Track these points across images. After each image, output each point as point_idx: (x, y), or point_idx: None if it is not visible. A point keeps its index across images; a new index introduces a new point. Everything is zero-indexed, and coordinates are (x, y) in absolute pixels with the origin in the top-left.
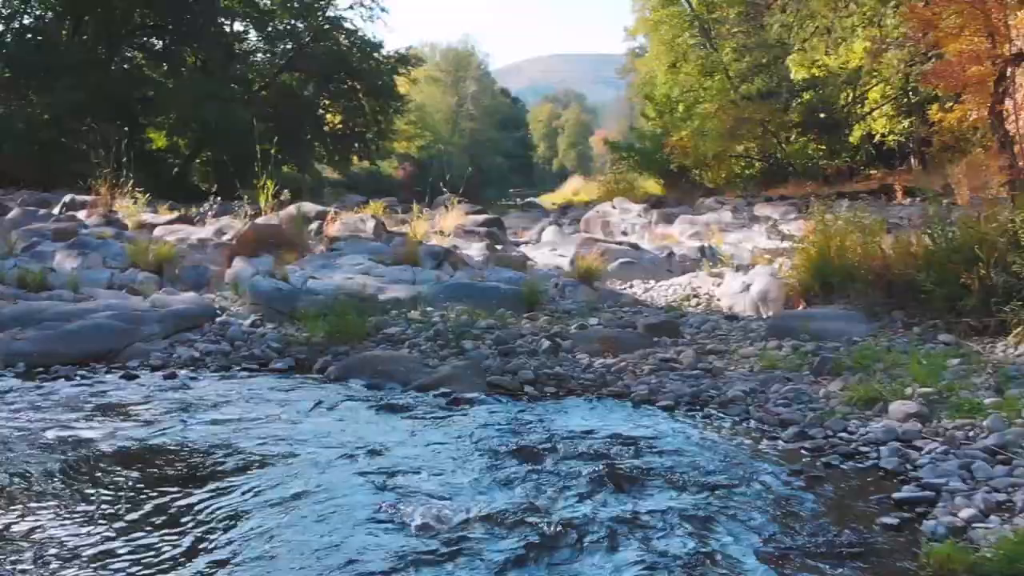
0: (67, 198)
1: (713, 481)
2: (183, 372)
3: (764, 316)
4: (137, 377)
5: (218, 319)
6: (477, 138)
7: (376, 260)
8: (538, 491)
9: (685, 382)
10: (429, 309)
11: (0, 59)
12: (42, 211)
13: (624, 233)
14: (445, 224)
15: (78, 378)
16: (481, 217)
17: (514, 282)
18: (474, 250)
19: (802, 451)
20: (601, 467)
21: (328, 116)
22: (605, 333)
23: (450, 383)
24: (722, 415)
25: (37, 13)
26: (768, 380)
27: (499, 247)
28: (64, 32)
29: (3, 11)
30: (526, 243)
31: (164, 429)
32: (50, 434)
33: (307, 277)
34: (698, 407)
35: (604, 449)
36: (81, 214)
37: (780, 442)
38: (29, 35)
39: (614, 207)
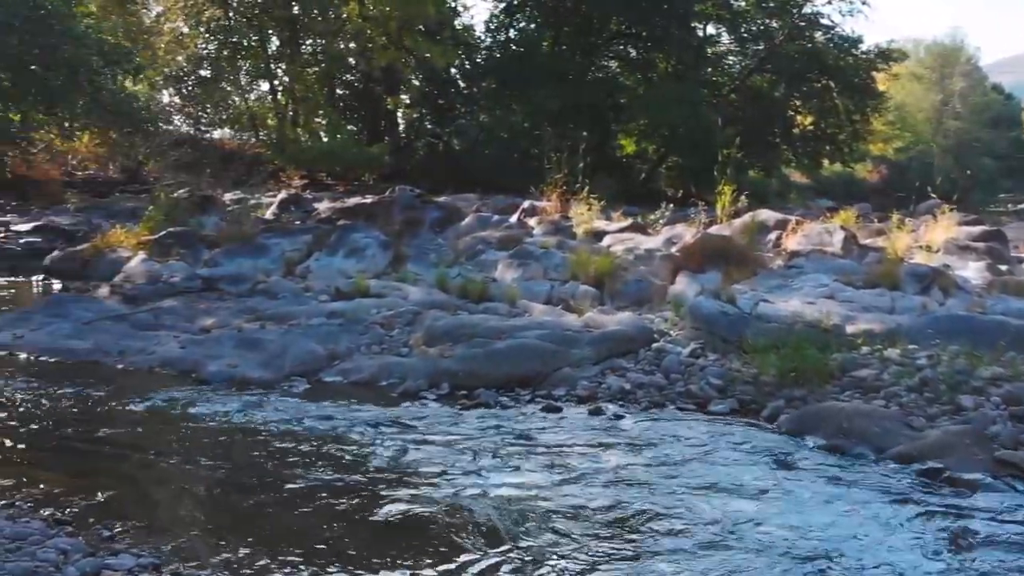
0: (526, 204)
1: None
2: (610, 407)
3: None
4: (560, 410)
5: (654, 344)
6: (963, 138)
7: (843, 281)
8: None
9: None
10: (912, 347)
11: (489, 70)
12: (496, 217)
13: None
14: (932, 237)
15: (498, 407)
16: (977, 229)
17: None
18: (970, 271)
19: None
20: None
21: (798, 117)
22: None
23: (941, 454)
24: None
25: (521, 26)
26: None
27: (1003, 267)
28: (545, 43)
29: (491, 25)
30: None
31: (581, 480)
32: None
33: (758, 299)
34: None
35: None
36: (532, 221)
37: None
38: (514, 47)
39: None
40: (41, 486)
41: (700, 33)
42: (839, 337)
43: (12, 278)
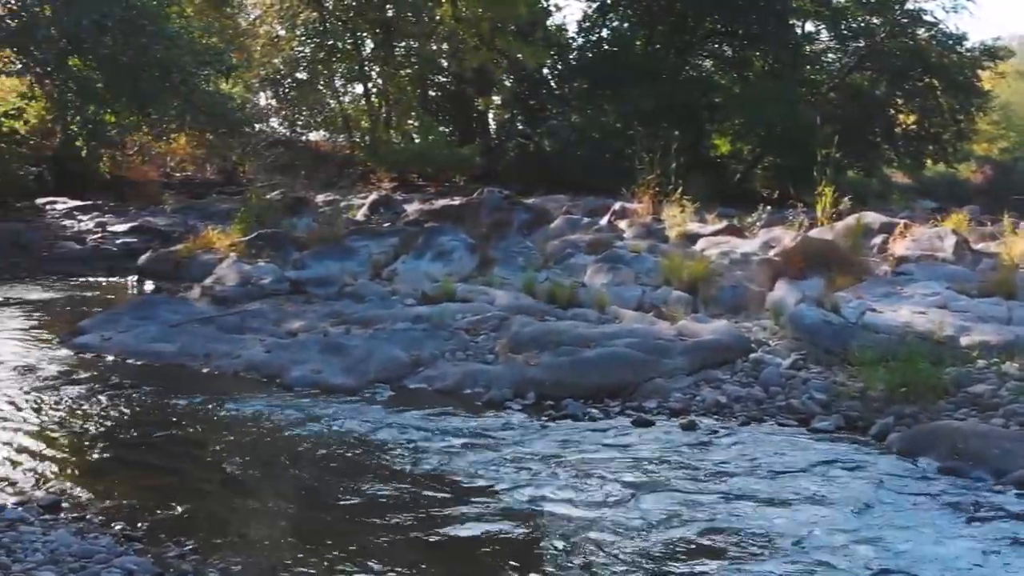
0: (616, 206)
1: None
2: (705, 421)
3: None
4: (651, 424)
5: (752, 355)
6: None
7: (957, 289)
8: None
9: None
10: None
11: (580, 70)
12: (585, 220)
13: None
14: None
15: (586, 419)
16: None
17: None
18: None
19: None
20: None
21: (900, 116)
22: None
23: None
24: None
25: (614, 25)
26: None
27: None
28: (638, 42)
29: (584, 25)
30: None
31: (674, 500)
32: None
33: (864, 308)
34: None
35: None
36: (623, 223)
37: None
38: (607, 47)
39: None
40: (115, 497)
41: (798, 31)
42: (953, 350)
43: (108, 278)
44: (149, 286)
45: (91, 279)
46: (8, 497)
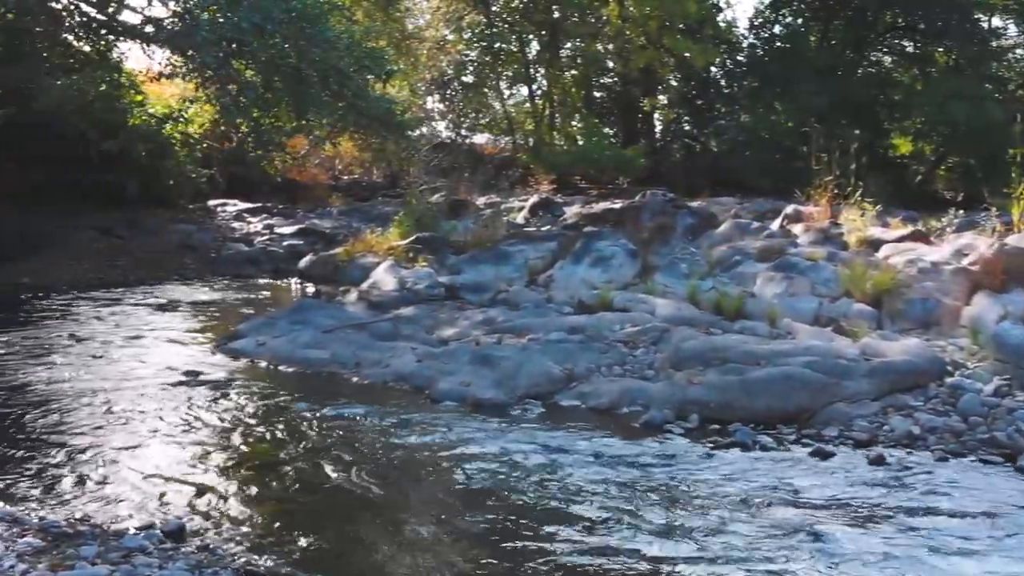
0: (788, 209)
1: None
2: (894, 455)
3: None
4: (832, 456)
5: (948, 379)
6: None
7: None
8: None
9: None
10: None
11: (751, 68)
12: (754, 224)
13: None
14: None
15: (757, 448)
16: None
17: None
18: None
19: None
20: None
21: None
22: None
23: None
24: None
25: (787, 21)
26: None
27: None
28: (812, 39)
29: (755, 21)
30: None
31: (860, 551)
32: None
33: None
34: None
35: None
36: (797, 228)
37: None
38: (779, 43)
39: None
40: (246, 522)
41: (984, 25)
42: None
43: (273, 280)
44: (310, 289)
45: (257, 281)
46: (133, 520)
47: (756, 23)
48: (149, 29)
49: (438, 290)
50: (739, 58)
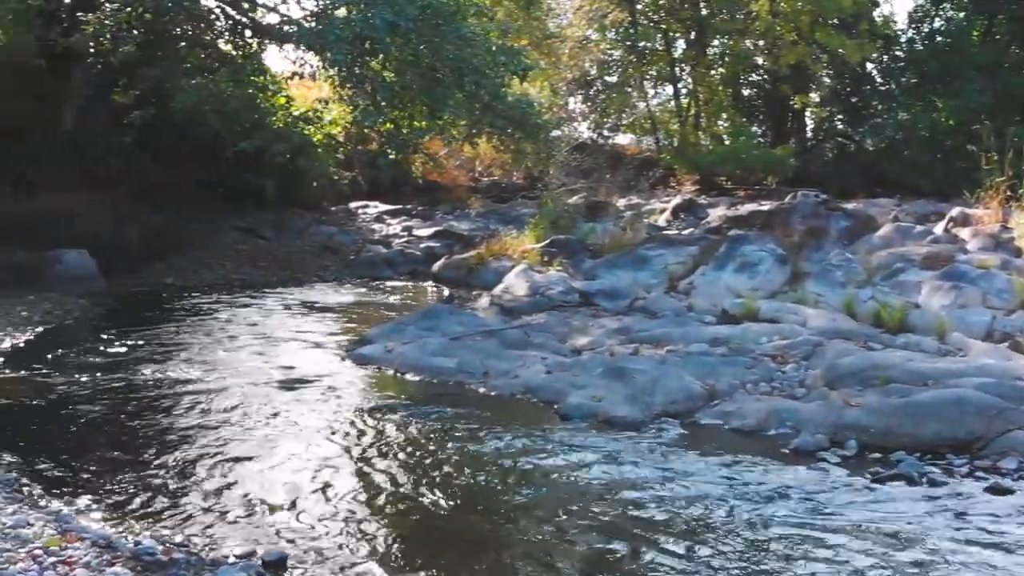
0: (954, 212)
1: None
2: None
3: None
4: (1011, 492)
5: None
6: None
7: None
8: None
9: None
10: None
11: (909, 64)
12: (917, 228)
13: None
14: None
15: (924, 482)
16: None
17: None
18: None
19: None
20: None
21: None
22: None
23: None
24: None
25: (949, 15)
26: None
27: None
28: (976, 33)
29: (914, 15)
30: None
31: None
32: None
33: None
34: None
35: None
36: (964, 232)
37: None
38: (939, 38)
39: None
40: (354, 553)
41: None
42: None
43: (410, 282)
44: (445, 292)
45: (394, 283)
46: (234, 544)
47: (916, 17)
48: (288, 29)
49: (572, 296)
50: (897, 53)
